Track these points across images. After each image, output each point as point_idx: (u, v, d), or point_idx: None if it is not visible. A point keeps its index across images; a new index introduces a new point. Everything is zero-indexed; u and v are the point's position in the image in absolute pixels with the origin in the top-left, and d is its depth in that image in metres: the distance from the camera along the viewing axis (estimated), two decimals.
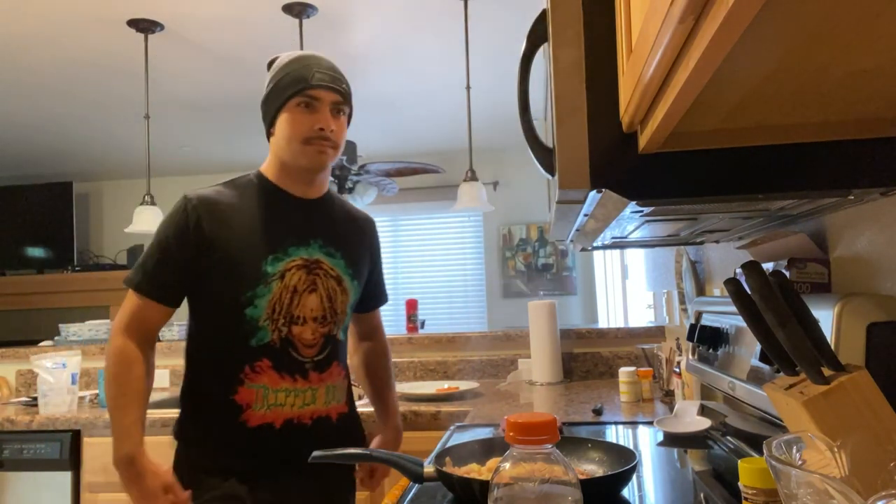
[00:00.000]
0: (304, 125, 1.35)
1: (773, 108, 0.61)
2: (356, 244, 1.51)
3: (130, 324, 1.34)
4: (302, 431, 1.36)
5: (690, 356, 1.43)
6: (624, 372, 2.05)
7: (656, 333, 2.61)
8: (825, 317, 0.80)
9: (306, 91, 1.34)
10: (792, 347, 0.62)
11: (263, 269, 1.33)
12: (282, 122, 1.37)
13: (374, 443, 1.58)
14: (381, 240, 1.65)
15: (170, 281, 1.35)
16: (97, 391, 2.57)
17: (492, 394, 2.34)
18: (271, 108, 1.39)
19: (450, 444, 1.44)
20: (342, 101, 1.39)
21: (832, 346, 0.70)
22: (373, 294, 1.62)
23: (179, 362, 2.84)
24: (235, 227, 1.34)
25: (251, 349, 1.33)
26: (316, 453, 1.08)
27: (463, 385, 2.44)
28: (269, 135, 1.43)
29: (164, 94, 3.79)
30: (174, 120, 4.32)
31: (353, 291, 1.47)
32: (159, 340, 3.04)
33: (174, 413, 1.45)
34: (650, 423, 1.66)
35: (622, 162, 0.71)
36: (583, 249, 1.46)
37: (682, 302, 2.03)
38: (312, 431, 1.37)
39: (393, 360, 2.79)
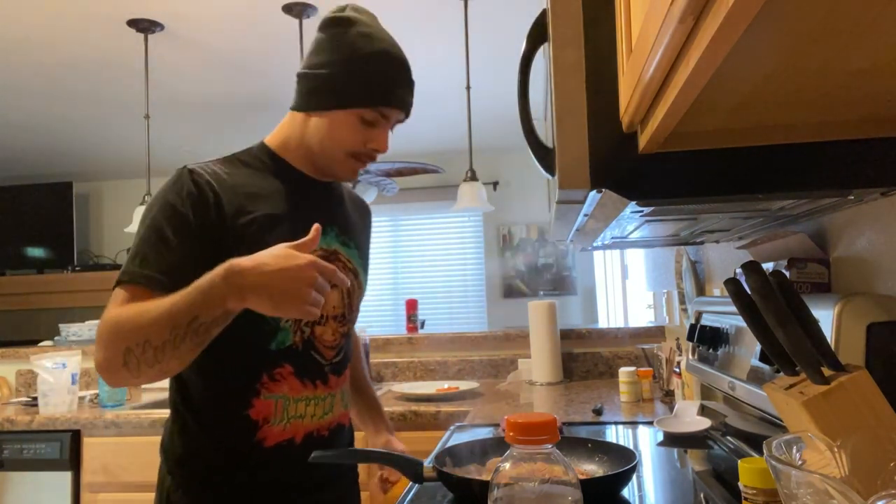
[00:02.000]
0: (358, 139, 1.14)
1: (773, 108, 0.61)
2: (364, 233, 1.35)
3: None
4: (321, 445, 1.17)
5: (690, 356, 1.43)
6: (624, 372, 2.05)
7: (656, 333, 2.61)
8: (825, 317, 0.80)
9: (385, 105, 1.12)
10: (792, 347, 0.62)
11: None
12: (333, 119, 1.13)
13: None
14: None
15: (186, 269, 1.00)
16: (97, 391, 2.57)
17: (492, 394, 2.34)
18: (325, 95, 1.13)
19: (450, 444, 1.44)
20: (405, 117, 1.18)
21: (832, 346, 0.70)
22: None
23: None
24: (255, 210, 1.11)
25: (271, 354, 1.12)
26: (316, 453, 1.08)
27: (463, 385, 2.44)
28: (300, 108, 1.17)
29: (164, 94, 3.79)
30: (174, 120, 4.32)
31: (365, 286, 1.31)
32: None
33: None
34: (650, 423, 1.66)
35: (622, 162, 0.71)
36: (583, 249, 1.46)
37: (682, 302, 2.03)
38: (330, 444, 1.20)
39: (393, 360, 2.80)
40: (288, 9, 2.88)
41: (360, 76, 1.11)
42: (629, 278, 3.82)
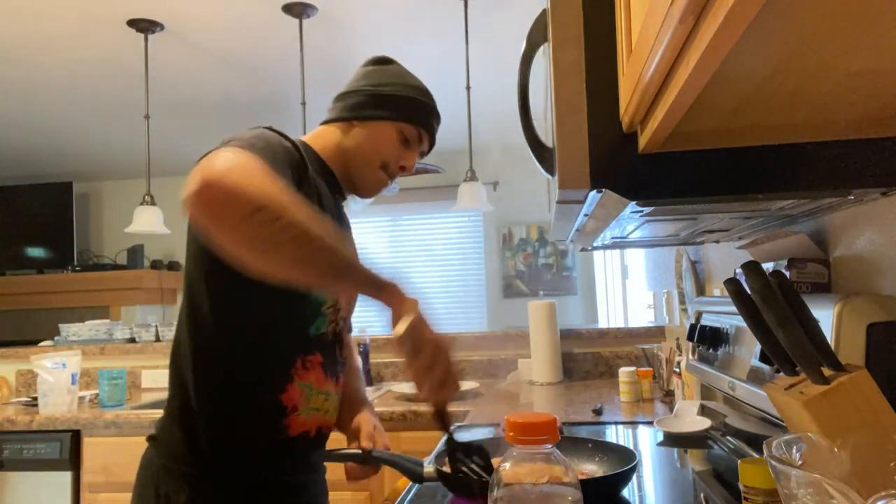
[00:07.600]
0: (393, 152, 1.20)
1: (773, 108, 0.61)
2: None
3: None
4: (320, 443, 1.16)
5: (690, 356, 1.43)
6: (624, 372, 2.05)
7: (656, 333, 2.61)
8: (825, 317, 0.80)
9: (423, 126, 1.21)
10: (792, 347, 0.62)
11: None
12: (377, 129, 1.19)
13: (364, 434, 1.19)
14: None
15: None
16: (97, 391, 2.57)
17: (492, 394, 2.34)
18: (376, 106, 1.19)
19: None
20: (428, 150, 1.27)
21: (832, 346, 0.70)
22: None
23: None
24: (316, 196, 1.10)
25: (308, 339, 1.10)
26: (322, 451, 1.09)
27: (463, 385, 2.44)
28: (343, 118, 1.20)
29: (164, 94, 3.79)
30: (174, 120, 4.32)
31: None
32: (158, 340, 3.04)
33: None
34: (650, 423, 1.66)
35: (622, 162, 0.71)
36: (583, 249, 1.46)
37: (682, 302, 2.03)
38: (323, 443, 1.18)
39: (393, 360, 2.80)
40: (288, 9, 2.88)
41: (409, 97, 1.21)
42: (629, 278, 3.82)
